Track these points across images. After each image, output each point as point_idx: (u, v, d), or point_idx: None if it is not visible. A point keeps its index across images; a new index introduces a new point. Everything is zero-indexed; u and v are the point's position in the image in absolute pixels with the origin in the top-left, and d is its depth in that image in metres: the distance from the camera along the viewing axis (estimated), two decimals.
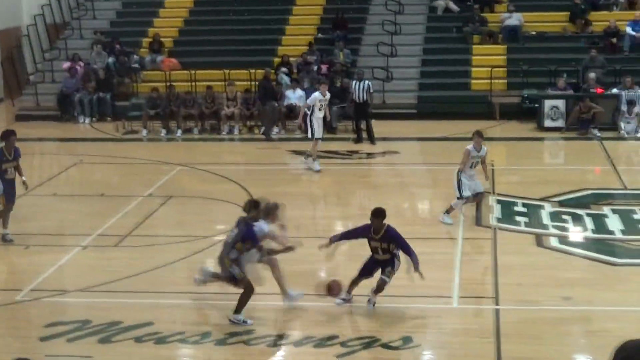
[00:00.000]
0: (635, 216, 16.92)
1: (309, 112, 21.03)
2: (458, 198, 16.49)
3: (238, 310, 12.33)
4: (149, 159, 23.07)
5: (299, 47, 29.27)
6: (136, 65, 29.66)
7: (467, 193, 16.45)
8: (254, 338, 11.90)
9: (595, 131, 24.24)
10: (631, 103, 24.52)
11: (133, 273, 14.36)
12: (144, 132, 26.10)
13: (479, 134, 16.67)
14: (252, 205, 12.52)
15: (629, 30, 28.17)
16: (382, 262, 12.61)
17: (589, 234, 16.18)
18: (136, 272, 14.43)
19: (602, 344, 10.91)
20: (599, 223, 16.57)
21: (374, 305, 12.62)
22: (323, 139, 21.76)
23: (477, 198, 16.89)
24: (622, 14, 29.42)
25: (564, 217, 17.04)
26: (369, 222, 12.57)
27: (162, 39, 30.55)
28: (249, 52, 29.53)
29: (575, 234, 16.31)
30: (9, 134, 16.28)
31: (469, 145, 16.51)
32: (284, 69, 27.88)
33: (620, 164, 21.16)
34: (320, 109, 21.05)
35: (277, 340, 11.88)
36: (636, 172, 21.09)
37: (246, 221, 12.32)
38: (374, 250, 12.63)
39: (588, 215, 17.02)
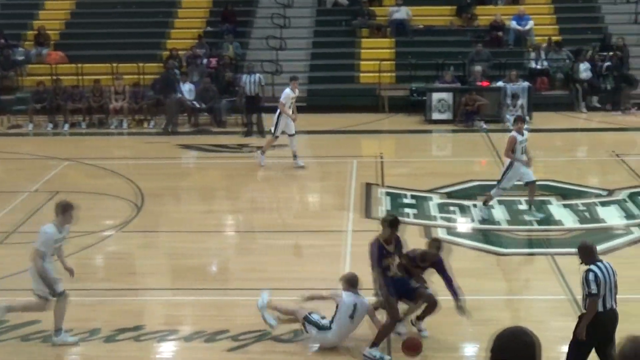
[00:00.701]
0: (520, 206, 17.30)
1: (287, 111, 20.39)
2: (498, 187, 16.46)
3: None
4: (35, 153, 22.60)
5: (187, 41, 29.05)
6: (21, 59, 28.99)
7: (508, 184, 16.44)
8: (143, 334, 11.77)
9: (481, 123, 24.71)
10: (515, 96, 25.07)
11: (19, 270, 14.04)
12: (30, 126, 25.57)
13: (521, 119, 16.94)
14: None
15: (513, 24, 28.77)
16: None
17: (476, 224, 16.49)
18: (22, 269, 14.11)
19: (491, 332, 11.09)
20: (485, 214, 16.88)
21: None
22: (213, 133, 21.64)
23: (530, 187, 16.59)
24: (507, 8, 30.03)
25: (451, 208, 17.34)
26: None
27: (48, 32, 29.95)
28: (137, 45, 29.17)
29: (463, 224, 16.60)
30: None
31: (513, 132, 16.53)
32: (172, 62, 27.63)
33: None
34: (290, 107, 20.54)
35: (167, 336, 11.78)
36: None
37: None
38: (385, 268, 11.27)
39: (475, 206, 17.33)
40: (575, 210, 17.11)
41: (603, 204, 17.50)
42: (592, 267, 10.28)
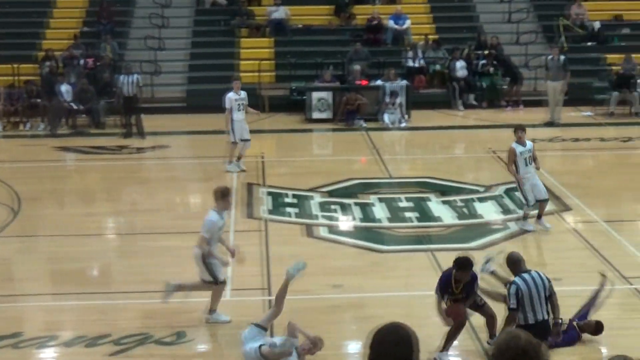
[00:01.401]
0: (401, 204, 17.55)
1: (232, 116, 19.72)
2: (528, 205, 15.68)
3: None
4: None
5: (63, 41, 28.50)
6: None
7: (531, 198, 15.58)
8: (22, 341, 11.52)
9: (361, 122, 24.96)
10: (394, 94, 25.40)
11: None
12: None
13: (522, 129, 15.80)
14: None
15: (391, 23, 29.15)
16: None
17: (357, 222, 16.66)
18: None
19: (373, 329, 11.23)
20: (366, 212, 17.09)
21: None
22: (92, 134, 21.26)
23: (541, 204, 15.67)
24: (385, 7, 30.40)
25: (333, 207, 17.46)
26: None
27: None
28: (11, 46, 28.49)
29: (344, 223, 16.74)
30: None
31: (513, 144, 15.65)
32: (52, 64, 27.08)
33: (385, 154, 21.88)
34: (239, 110, 19.80)
35: (47, 342, 11.55)
36: (400, 162, 21.89)
37: None
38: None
39: (356, 204, 17.51)
40: (453, 206, 17.44)
41: (481, 199, 17.88)
42: (516, 279, 10.26)
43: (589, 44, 28.43)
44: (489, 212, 17.12)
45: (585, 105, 26.24)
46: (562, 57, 25.18)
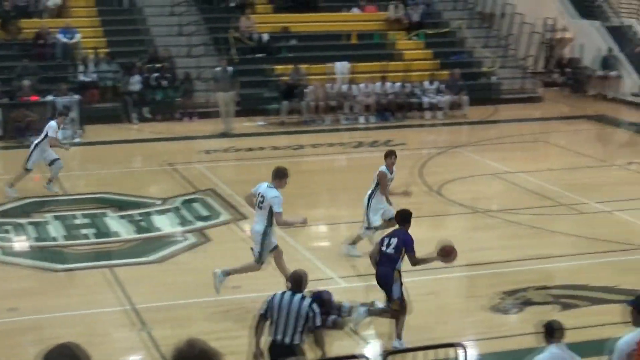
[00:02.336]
0: (77, 221, 17.15)
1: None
2: (367, 228, 14.94)
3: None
4: None
5: None
6: None
7: (377, 222, 14.89)
8: None
9: (32, 138, 24.08)
10: (66, 110, 24.75)
11: None
12: None
13: (394, 154, 15.25)
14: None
15: (60, 37, 28.41)
16: None
17: (32, 242, 16.08)
18: None
19: (41, 351, 10.86)
20: (41, 230, 16.54)
21: None
22: None
23: (390, 223, 14.31)
24: (53, 21, 29.55)
25: (6, 227, 16.74)
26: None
27: None
28: None
29: (18, 243, 16.10)
30: None
31: (382, 167, 15.10)
32: None
33: (60, 170, 21.26)
34: None
35: None
36: (75, 178, 21.34)
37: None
38: None
39: (30, 223, 16.90)
40: (131, 220, 17.27)
41: (158, 212, 17.83)
42: (278, 292, 9.97)
43: (259, 55, 29.17)
44: (167, 224, 17.11)
45: (258, 115, 26.92)
46: (230, 69, 25.68)
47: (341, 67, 28.56)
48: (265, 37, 29.55)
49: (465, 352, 10.09)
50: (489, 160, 22.06)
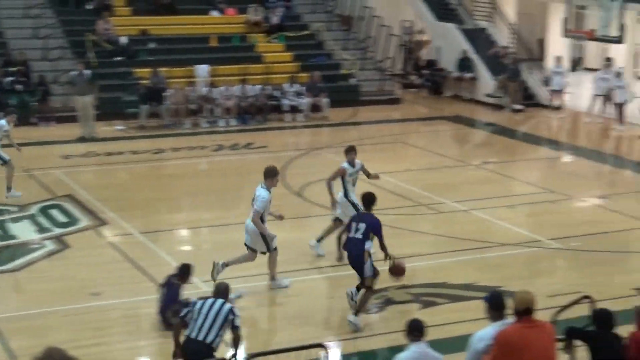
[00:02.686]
0: None
1: None
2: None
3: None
4: None
5: None
6: None
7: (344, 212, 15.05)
8: None
9: None
10: None
11: None
12: None
13: (354, 150, 15.44)
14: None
15: None
16: None
17: None
18: None
19: None
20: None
21: None
22: None
23: (337, 224, 15.15)
24: None
25: None
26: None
27: None
28: None
29: None
30: None
31: (344, 163, 15.36)
32: None
33: None
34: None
35: None
36: None
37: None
38: None
39: None
40: None
41: (15, 220, 17.37)
42: (200, 300, 10.36)
43: (118, 58, 28.74)
44: (24, 231, 16.68)
45: (117, 119, 26.50)
46: (88, 72, 25.24)
47: (201, 70, 28.40)
48: (124, 40, 29.13)
49: (328, 353, 10.16)
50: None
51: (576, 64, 36.89)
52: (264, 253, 13.80)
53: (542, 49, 36.03)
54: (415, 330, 8.96)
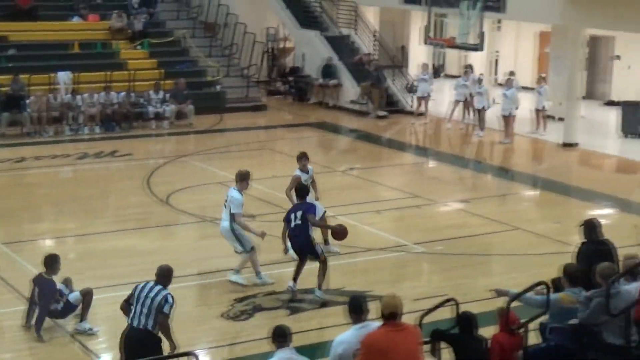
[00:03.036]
0: None
1: None
2: None
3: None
4: None
5: None
6: None
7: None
8: None
9: None
10: None
11: None
12: None
13: (306, 156, 16.46)
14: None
15: None
16: None
17: None
18: None
19: None
20: None
21: None
22: None
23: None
24: None
25: None
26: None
27: None
28: None
29: None
30: None
31: (297, 171, 16.21)
32: None
33: None
34: None
35: None
36: None
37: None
38: None
39: None
40: None
41: None
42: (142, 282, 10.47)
43: None
44: None
45: None
46: None
47: (64, 77, 27.82)
48: None
49: None
50: (216, 168, 22.23)
51: (437, 71, 37.70)
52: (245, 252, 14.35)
53: (405, 56, 36.67)
54: (280, 336, 9.04)
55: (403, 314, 8.62)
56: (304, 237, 13.83)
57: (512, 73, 28.46)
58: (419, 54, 35.61)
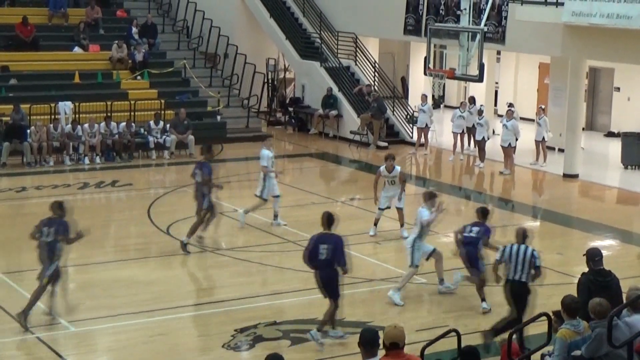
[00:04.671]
0: None
1: None
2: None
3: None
4: None
5: None
6: None
7: (383, 204, 19.18)
8: None
9: None
10: None
11: None
12: None
13: (392, 157, 19.30)
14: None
15: None
16: None
17: None
18: None
19: None
20: None
21: None
22: None
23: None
24: None
25: None
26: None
27: None
28: None
29: None
30: None
31: (382, 168, 19.15)
32: None
33: None
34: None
35: None
36: None
37: None
38: None
39: None
40: None
41: None
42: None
43: None
44: None
45: None
46: None
47: (64, 107, 27.89)
48: None
49: None
50: (216, 199, 22.21)
51: (438, 102, 37.77)
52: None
53: (405, 87, 36.76)
54: None
55: (405, 345, 8.58)
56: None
57: (511, 104, 28.51)
58: (419, 85, 35.69)
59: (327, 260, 13.23)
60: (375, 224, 19.37)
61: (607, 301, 9.88)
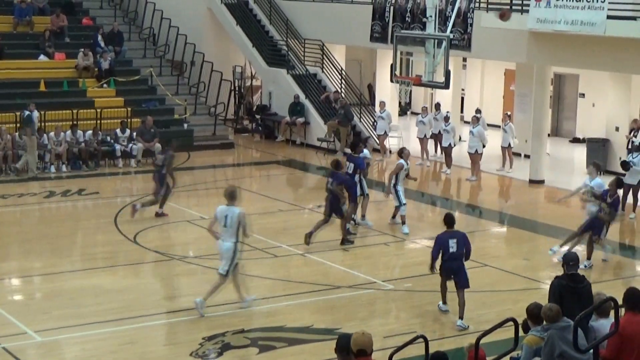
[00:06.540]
0: None
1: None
2: (400, 205, 20.30)
3: None
4: None
5: None
6: None
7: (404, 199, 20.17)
8: None
9: None
10: None
11: None
12: None
13: (406, 151, 20.60)
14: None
15: None
16: None
17: None
18: None
19: None
20: None
21: None
22: None
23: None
24: None
25: None
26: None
27: None
28: None
29: None
30: None
31: (401, 160, 20.13)
32: None
33: None
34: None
35: None
36: None
37: None
38: None
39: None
40: None
41: None
42: None
43: None
44: None
45: None
46: None
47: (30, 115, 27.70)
48: None
49: None
50: (184, 207, 22.16)
51: (405, 108, 37.89)
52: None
53: (372, 94, 36.83)
54: None
55: (373, 351, 8.61)
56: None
57: (478, 111, 28.69)
58: (386, 92, 35.78)
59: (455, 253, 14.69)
60: (404, 222, 20.38)
61: (558, 306, 9.98)
